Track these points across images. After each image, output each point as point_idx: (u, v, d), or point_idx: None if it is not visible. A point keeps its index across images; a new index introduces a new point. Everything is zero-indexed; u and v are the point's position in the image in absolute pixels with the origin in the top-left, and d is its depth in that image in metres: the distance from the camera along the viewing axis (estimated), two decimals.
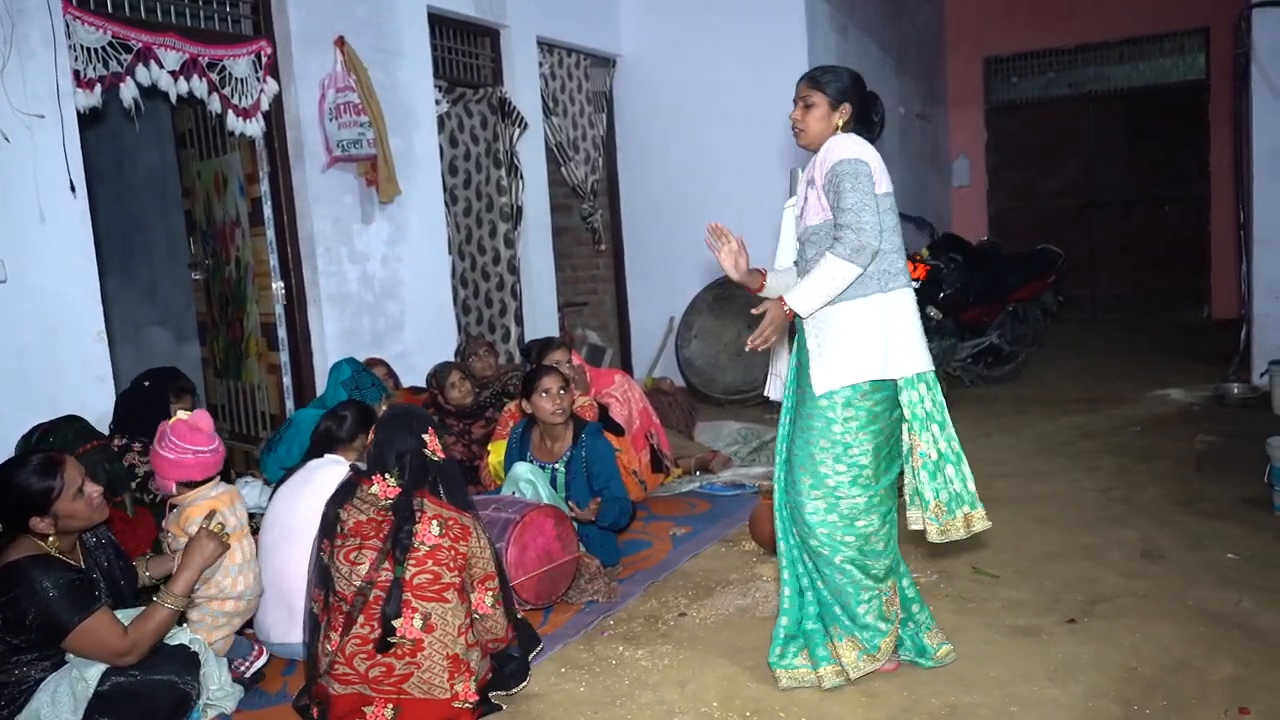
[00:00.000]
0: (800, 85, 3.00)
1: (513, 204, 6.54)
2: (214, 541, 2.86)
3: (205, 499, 3.07)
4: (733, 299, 7.67)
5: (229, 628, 3.10)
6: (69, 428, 3.77)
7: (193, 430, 3.04)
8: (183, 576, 2.77)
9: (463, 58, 6.59)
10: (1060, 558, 3.85)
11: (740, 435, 6.10)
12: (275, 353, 5.36)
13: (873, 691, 2.88)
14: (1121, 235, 10.65)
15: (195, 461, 3.04)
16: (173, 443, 3.01)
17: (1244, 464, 4.85)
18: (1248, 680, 2.80)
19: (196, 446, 3.03)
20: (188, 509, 3.05)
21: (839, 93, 2.92)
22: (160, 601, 2.72)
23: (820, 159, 2.90)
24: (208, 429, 3.08)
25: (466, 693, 2.73)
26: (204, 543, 2.84)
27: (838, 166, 2.80)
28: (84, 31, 4.19)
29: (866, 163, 2.79)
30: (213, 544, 2.86)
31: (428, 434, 2.86)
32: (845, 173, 2.78)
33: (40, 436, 3.75)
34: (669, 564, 4.08)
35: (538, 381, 4.11)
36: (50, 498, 2.63)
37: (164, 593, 2.74)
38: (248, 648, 3.17)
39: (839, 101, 2.92)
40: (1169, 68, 10.45)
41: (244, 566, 3.09)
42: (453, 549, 2.74)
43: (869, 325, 2.83)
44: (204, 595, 2.99)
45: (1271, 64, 6.35)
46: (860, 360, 2.82)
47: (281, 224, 5.24)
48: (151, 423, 3.78)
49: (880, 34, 9.08)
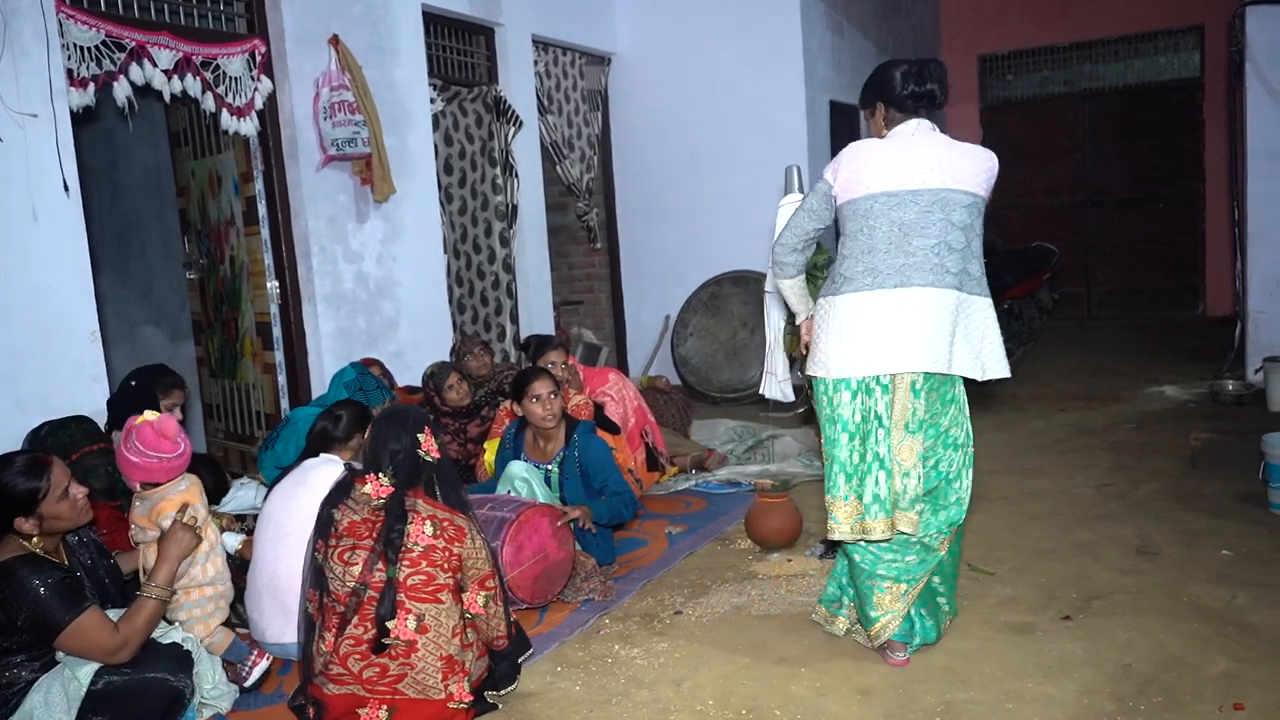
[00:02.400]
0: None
1: (508, 203, 6.54)
2: (189, 534, 2.91)
3: (176, 493, 3.06)
4: (728, 298, 7.68)
5: (219, 614, 3.12)
6: (77, 428, 3.77)
7: (158, 437, 2.99)
8: (163, 568, 2.81)
9: (457, 56, 6.58)
10: (1055, 554, 3.86)
11: (736, 433, 6.10)
12: (270, 352, 5.35)
13: (868, 689, 2.88)
14: (1116, 233, 10.67)
15: (160, 466, 3.00)
16: (137, 447, 2.98)
17: (1239, 461, 4.86)
18: (1242, 676, 2.81)
19: (160, 453, 3.00)
20: (160, 503, 3.04)
21: (866, 98, 3.09)
22: (146, 594, 2.73)
23: None
24: (173, 434, 3.03)
25: (461, 693, 2.73)
26: (180, 534, 2.89)
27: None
28: (77, 30, 4.18)
29: (825, 179, 3.00)
30: (188, 536, 2.91)
31: (423, 434, 2.85)
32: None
33: (48, 433, 3.75)
34: (665, 562, 4.08)
35: (528, 386, 4.07)
36: (36, 498, 2.62)
37: (147, 585, 2.76)
38: (245, 650, 3.16)
39: (871, 107, 3.08)
40: (1164, 66, 10.46)
41: (210, 554, 3.10)
42: (447, 550, 2.74)
43: (819, 326, 3.03)
44: (181, 586, 3.00)
45: (1266, 62, 6.36)
46: (815, 356, 3.03)
47: (276, 223, 5.23)
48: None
49: (875, 32, 9.08)
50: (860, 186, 2.90)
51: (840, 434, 2.95)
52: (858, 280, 2.91)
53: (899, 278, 2.87)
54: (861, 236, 2.91)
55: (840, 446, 2.96)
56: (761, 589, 3.71)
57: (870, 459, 2.94)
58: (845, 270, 2.94)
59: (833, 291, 2.96)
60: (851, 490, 2.96)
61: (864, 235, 2.90)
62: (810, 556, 4.01)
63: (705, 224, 7.84)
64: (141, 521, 3.06)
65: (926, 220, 2.86)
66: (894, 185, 2.87)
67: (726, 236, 7.67)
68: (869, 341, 2.89)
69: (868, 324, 2.89)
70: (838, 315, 2.93)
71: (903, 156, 2.89)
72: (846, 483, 2.96)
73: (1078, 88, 10.80)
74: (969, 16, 10.96)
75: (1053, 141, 10.76)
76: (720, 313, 7.67)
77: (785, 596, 3.62)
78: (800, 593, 3.63)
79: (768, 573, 3.89)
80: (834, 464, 2.98)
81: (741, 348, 7.53)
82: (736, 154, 7.68)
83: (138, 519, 3.06)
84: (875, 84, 3.04)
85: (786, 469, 5.41)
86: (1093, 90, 10.73)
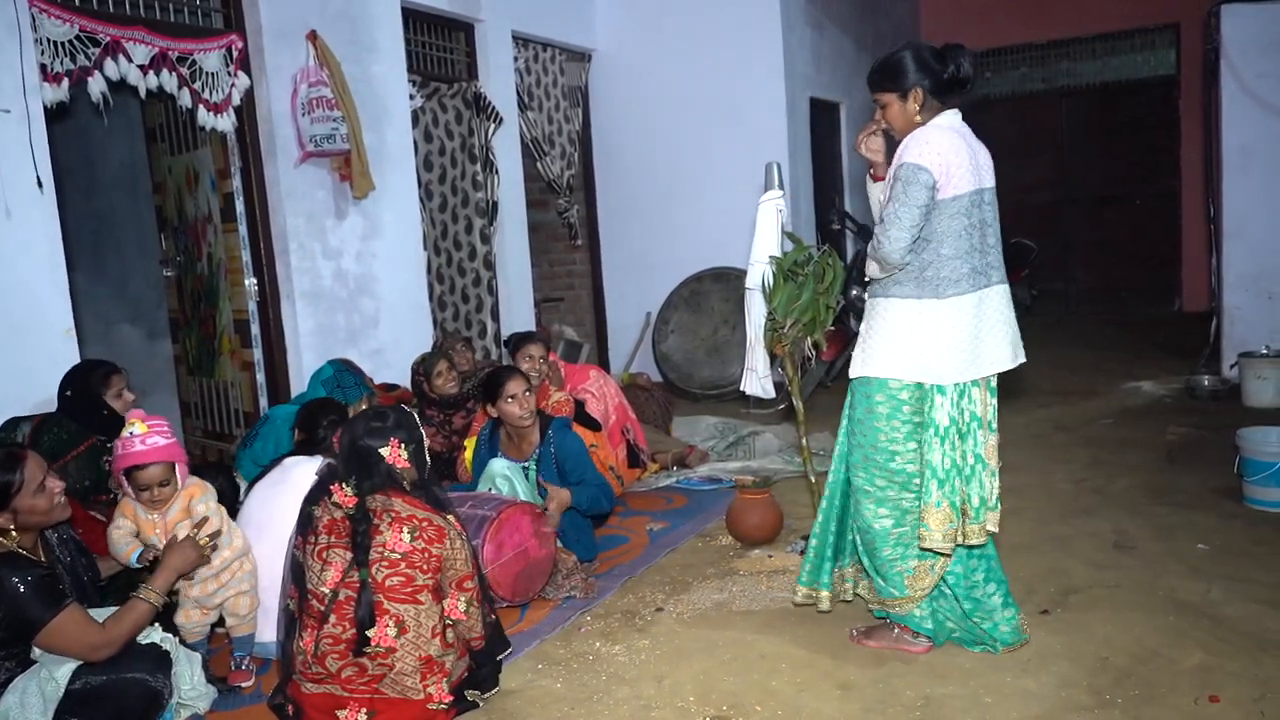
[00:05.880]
0: (870, 90, 2.99)
1: (488, 199, 6.52)
2: (195, 551, 2.90)
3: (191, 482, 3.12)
4: (709, 295, 7.69)
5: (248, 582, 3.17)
6: (61, 428, 3.72)
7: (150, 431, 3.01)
8: (161, 577, 2.81)
9: (437, 52, 6.55)
10: (1033, 549, 3.88)
11: (717, 430, 6.10)
12: (248, 350, 5.31)
13: (848, 684, 2.89)
14: (1094, 229, 10.74)
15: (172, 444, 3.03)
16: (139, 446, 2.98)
17: (1214, 455, 4.91)
18: (1217, 669, 2.83)
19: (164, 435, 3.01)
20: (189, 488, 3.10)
21: (901, 81, 2.89)
22: (143, 597, 2.72)
23: (899, 150, 2.89)
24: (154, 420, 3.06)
25: (440, 694, 2.72)
26: (186, 549, 2.88)
27: (899, 170, 2.82)
28: (50, 25, 4.13)
29: (927, 170, 2.76)
30: (195, 553, 2.90)
31: (388, 446, 2.78)
32: (900, 178, 2.80)
33: (34, 431, 3.69)
34: (646, 559, 4.08)
35: (503, 387, 4.06)
36: (10, 492, 2.60)
37: (145, 588, 2.75)
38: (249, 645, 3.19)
39: (906, 89, 2.90)
40: (1140, 63, 10.54)
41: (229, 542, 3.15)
42: (426, 551, 2.72)
43: (907, 326, 2.86)
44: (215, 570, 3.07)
45: (1240, 59, 6.42)
46: (891, 357, 2.89)
47: (254, 220, 5.19)
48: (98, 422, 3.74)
49: (855, 30, 9.11)
50: (955, 182, 2.80)
51: (934, 439, 2.84)
52: (963, 282, 2.82)
53: (985, 277, 2.88)
54: (963, 236, 2.82)
55: (934, 451, 2.84)
56: (743, 585, 3.72)
57: (974, 462, 2.88)
58: (948, 272, 2.82)
59: (934, 294, 2.82)
60: (945, 496, 2.85)
61: (965, 235, 2.82)
62: (791, 552, 4.02)
63: (686, 221, 7.85)
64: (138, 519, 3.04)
65: (993, 217, 2.91)
66: (975, 183, 2.84)
67: (707, 233, 7.68)
68: (977, 343, 2.85)
69: (974, 326, 2.85)
70: (942, 319, 2.83)
71: (971, 151, 2.85)
72: (940, 488, 2.85)
73: (1056, 85, 10.87)
74: (948, 14, 11.00)
75: (1031, 139, 10.82)
76: (701, 309, 7.68)
77: (766, 593, 3.63)
78: (782, 589, 3.64)
79: (749, 569, 3.90)
80: (927, 470, 2.86)
81: (722, 344, 7.54)
82: (717, 151, 7.68)
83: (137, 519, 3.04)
84: (913, 66, 2.87)
85: (767, 465, 5.43)
86: (1070, 88, 10.80)
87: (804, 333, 4.07)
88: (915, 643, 3.07)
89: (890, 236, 2.77)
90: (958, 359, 2.84)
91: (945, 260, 2.82)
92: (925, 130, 2.84)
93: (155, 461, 2.97)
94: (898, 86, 2.90)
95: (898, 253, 2.78)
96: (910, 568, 2.99)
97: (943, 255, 2.82)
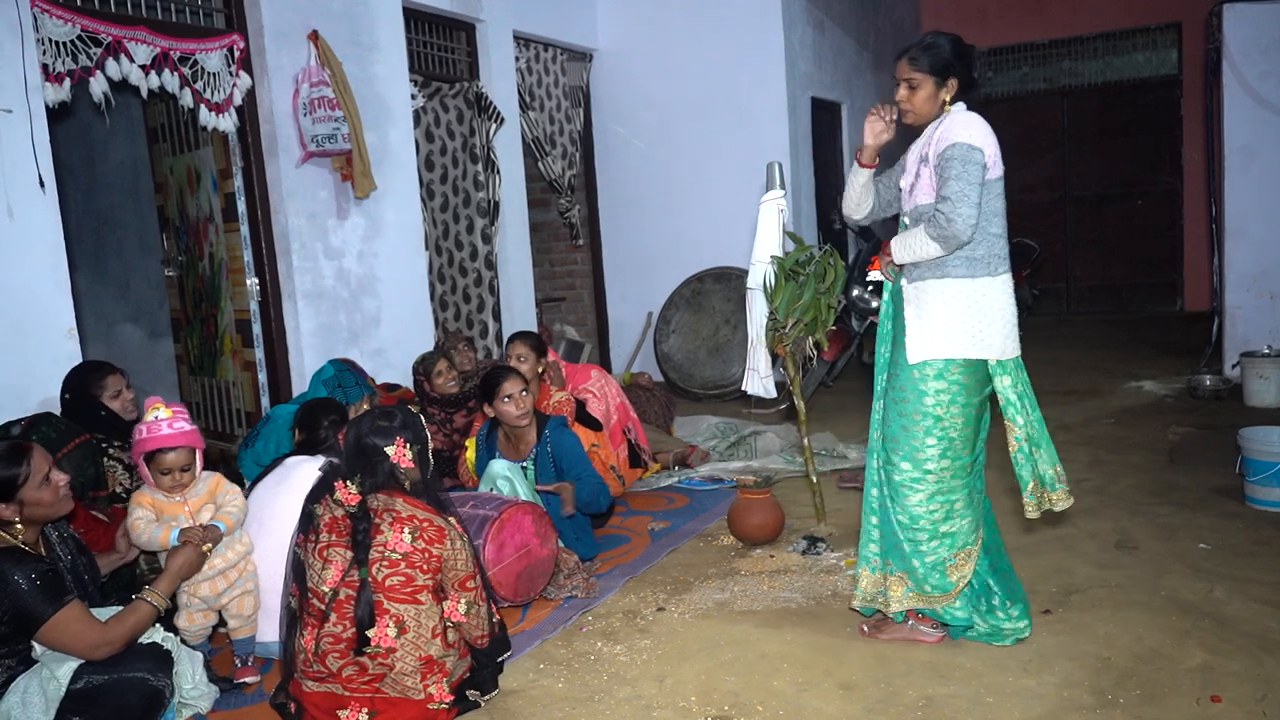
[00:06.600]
0: (900, 65, 2.97)
1: (489, 199, 6.52)
2: (197, 556, 2.95)
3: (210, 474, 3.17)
4: (710, 294, 7.69)
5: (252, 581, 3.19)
6: (50, 426, 3.72)
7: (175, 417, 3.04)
8: (165, 580, 2.87)
9: (438, 52, 6.55)
10: (1034, 549, 3.88)
11: (718, 430, 6.11)
12: (250, 349, 5.31)
13: (850, 684, 2.89)
14: (1095, 229, 10.75)
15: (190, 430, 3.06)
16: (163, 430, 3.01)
17: (1216, 455, 4.90)
18: (1218, 669, 2.83)
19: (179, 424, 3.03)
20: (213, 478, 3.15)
21: (943, 67, 2.91)
22: (146, 599, 2.73)
23: (937, 136, 2.90)
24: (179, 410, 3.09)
25: (441, 694, 2.72)
26: (189, 554, 2.94)
27: (950, 150, 2.82)
28: (52, 25, 4.14)
29: (981, 149, 2.81)
30: (196, 558, 2.95)
31: (394, 445, 2.78)
32: (956, 157, 2.80)
33: (23, 432, 3.70)
34: (647, 559, 4.08)
35: (499, 387, 4.06)
36: (15, 484, 2.61)
37: (149, 590, 2.77)
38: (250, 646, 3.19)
39: (945, 76, 2.92)
40: (1142, 63, 10.54)
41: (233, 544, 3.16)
42: (426, 551, 2.72)
43: (966, 305, 2.90)
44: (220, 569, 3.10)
45: (1242, 59, 6.42)
46: (955, 336, 2.90)
47: (255, 220, 5.19)
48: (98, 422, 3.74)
49: (856, 29, 9.11)
50: (997, 165, 2.89)
51: (1013, 413, 2.91)
52: (1006, 261, 2.95)
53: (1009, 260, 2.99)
54: (1003, 216, 2.94)
55: (1015, 422, 2.92)
56: (744, 585, 3.72)
57: (1038, 433, 2.96)
58: (998, 249, 2.92)
59: (988, 272, 2.90)
60: (1034, 464, 2.96)
61: (1003, 215, 2.94)
62: (792, 552, 4.02)
63: (687, 221, 7.85)
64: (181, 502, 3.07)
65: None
66: (1002, 167, 2.92)
67: (708, 233, 7.69)
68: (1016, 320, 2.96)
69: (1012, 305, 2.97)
70: (999, 295, 2.92)
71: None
72: (1028, 460, 2.95)
73: (1057, 85, 10.87)
74: (949, 13, 11.00)
75: (1032, 138, 10.82)
76: (702, 309, 7.68)
77: (768, 593, 3.63)
78: (782, 589, 3.64)
79: (750, 569, 3.90)
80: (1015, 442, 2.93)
81: (724, 344, 7.54)
82: (718, 150, 7.69)
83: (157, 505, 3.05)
84: (958, 58, 2.92)
85: (769, 465, 5.43)
86: (1072, 87, 10.80)
87: (805, 332, 4.08)
88: (930, 633, 3.07)
89: (961, 214, 2.77)
90: (1014, 334, 2.95)
91: (994, 239, 2.91)
92: (964, 114, 2.89)
93: (181, 445, 3.01)
94: (939, 71, 2.92)
95: (969, 229, 2.78)
96: (952, 557, 2.99)
97: (992, 234, 2.90)
